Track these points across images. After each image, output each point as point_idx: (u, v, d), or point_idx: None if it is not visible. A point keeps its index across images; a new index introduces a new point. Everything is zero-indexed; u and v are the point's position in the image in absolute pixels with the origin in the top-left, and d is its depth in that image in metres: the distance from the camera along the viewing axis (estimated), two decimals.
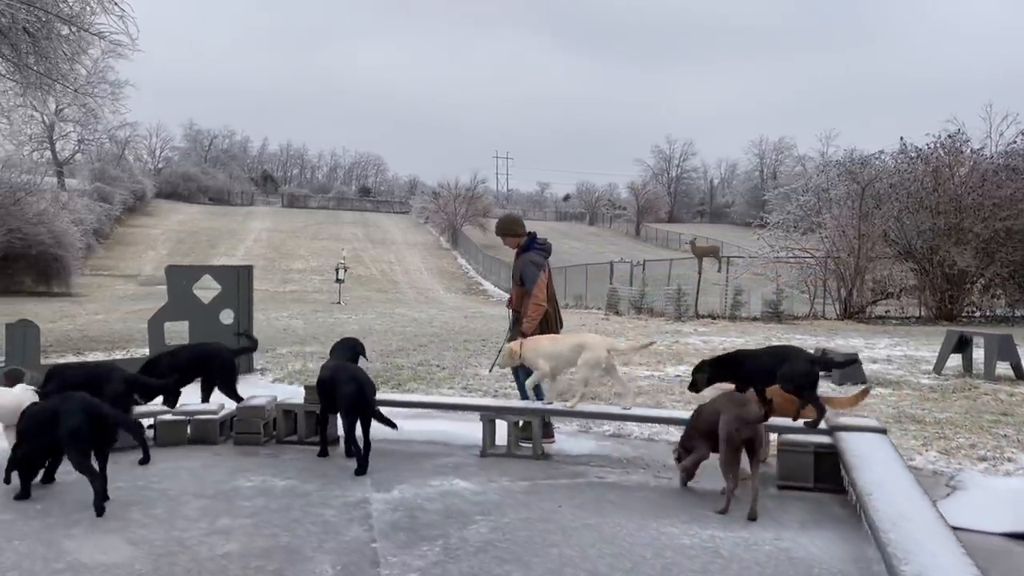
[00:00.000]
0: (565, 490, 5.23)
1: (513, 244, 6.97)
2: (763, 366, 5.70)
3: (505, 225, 7.07)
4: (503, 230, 7.04)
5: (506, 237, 6.99)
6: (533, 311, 6.56)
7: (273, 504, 4.88)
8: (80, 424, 4.82)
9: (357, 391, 5.64)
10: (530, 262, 6.72)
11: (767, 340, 15.40)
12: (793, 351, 5.79)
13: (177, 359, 7.10)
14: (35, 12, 11.63)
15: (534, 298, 6.56)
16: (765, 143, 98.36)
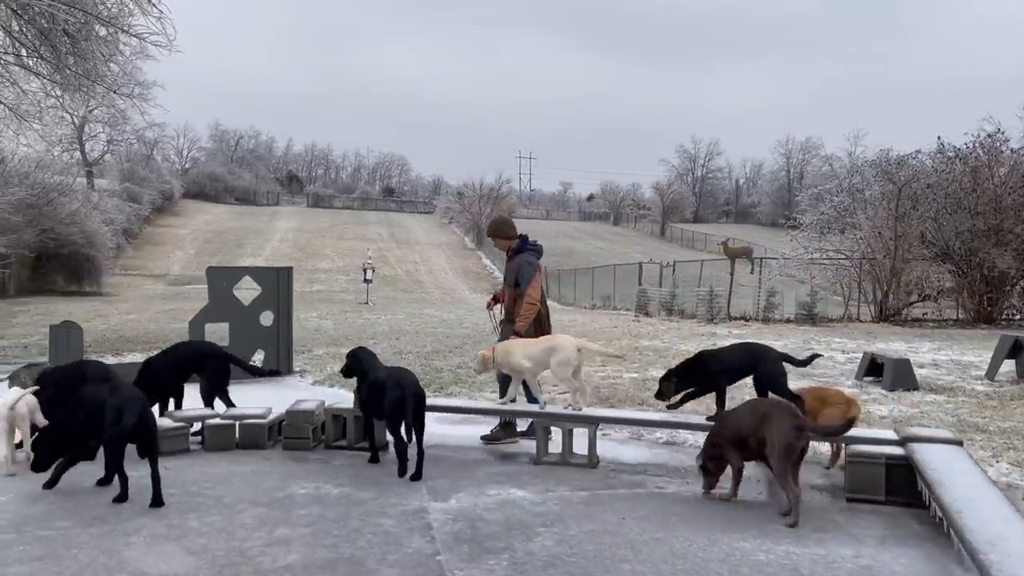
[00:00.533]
0: (626, 501, 5.08)
1: (504, 246, 6.95)
2: (730, 365, 5.83)
3: (497, 227, 7.05)
4: (495, 232, 7.01)
5: (497, 239, 6.97)
6: (527, 310, 6.54)
7: (330, 512, 4.78)
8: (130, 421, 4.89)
9: (402, 398, 5.54)
10: (527, 263, 6.73)
11: (806, 343, 15.15)
12: (762, 348, 5.90)
13: (170, 358, 6.97)
14: (75, 13, 11.65)
15: (528, 297, 6.55)
16: (792, 143, 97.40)
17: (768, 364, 5.73)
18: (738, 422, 5.05)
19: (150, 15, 12.25)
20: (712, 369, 5.82)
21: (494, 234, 7.00)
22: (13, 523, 4.51)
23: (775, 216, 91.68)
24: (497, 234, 6.97)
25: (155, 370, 6.77)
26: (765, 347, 6.00)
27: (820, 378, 10.34)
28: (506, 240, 6.90)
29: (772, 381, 5.71)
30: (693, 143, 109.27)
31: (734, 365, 5.84)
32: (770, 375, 5.69)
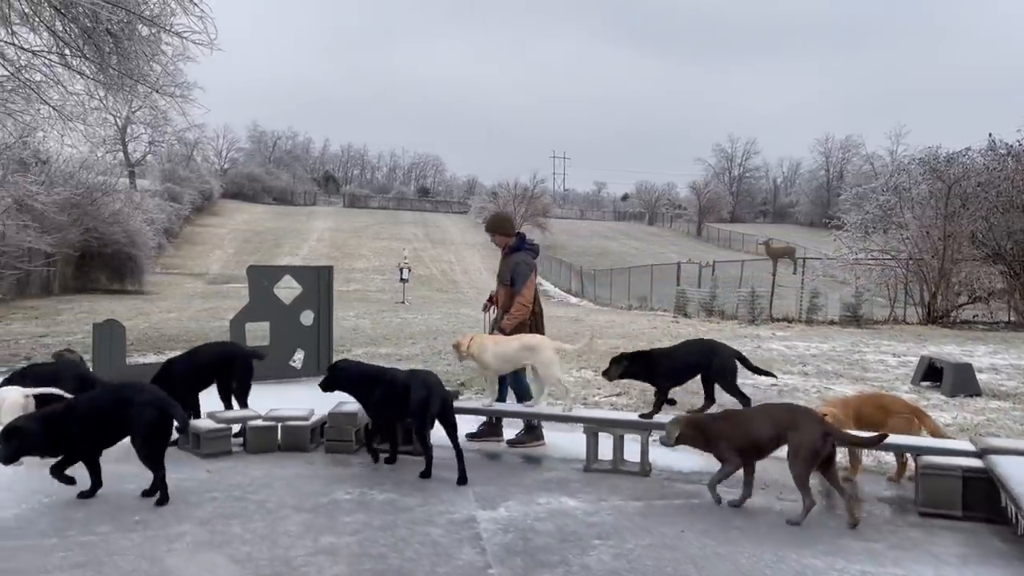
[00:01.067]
0: (683, 513, 4.84)
1: (501, 243, 6.89)
2: (684, 363, 5.89)
3: (498, 223, 6.99)
4: (495, 227, 6.94)
5: (496, 235, 6.92)
6: (518, 310, 6.50)
7: (375, 520, 4.62)
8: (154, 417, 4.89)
9: (428, 398, 5.46)
10: (523, 262, 6.68)
11: (853, 346, 14.71)
12: (717, 345, 5.97)
13: (192, 360, 6.80)
14: (118, 11, 11.69)
15: (522, 297, 6.51)
16: (831, 141, 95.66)
17: (721, 359, 5.81)
18: (754, 427, 4.93)
19: (192, 14, 12.25)
20: (663, 366, 5.86)
21: (494, 229, 6.94)
22: (55, 527, 4.42)
23: (814, 216, 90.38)
24: (497, 230, 6.91)
25: (175, 371, 6.62)
26: (720, 344, 6.05)
27: (874, 383, 9.98)
28: (504, 237, 6.86)
29: (722, 376, 5.78)
30: (730, 142, 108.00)
31: (689, 362, 5.90)
32: (721, 370, 5.77)
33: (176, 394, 6.28)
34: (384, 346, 13.77)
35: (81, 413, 4.88)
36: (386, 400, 5.69)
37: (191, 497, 4.98)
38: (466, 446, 6.45)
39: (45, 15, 11.78)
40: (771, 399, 8.62)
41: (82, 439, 4.88)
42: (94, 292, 32.17)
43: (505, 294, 6.70)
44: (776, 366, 11.38)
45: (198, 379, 6.71)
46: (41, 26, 12.02)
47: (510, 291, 6.65)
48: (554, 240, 65.50)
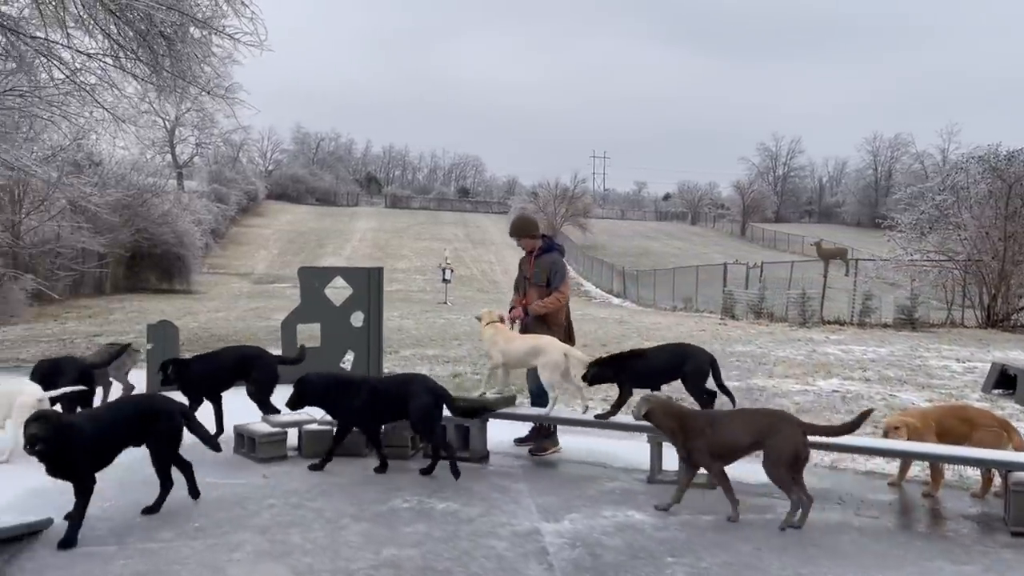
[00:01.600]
0: (757, 529, 4.61)
1: (529, 246, 6.70)
2: (657, 368, 5.81)
3: (524, 226, 6.79)
4: (522, 231, 6.74)
5: (523, 239, 6.71)
6: (552, 302, 6.42)
7: (436, 531, 4.48)
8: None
9: (434, 402, 5.56)
10: (561, 262, 6.66)
11: (912, 350, 14.24)
12: (693, 349, 5.91)
13: (211, 363, 6.68)
14: (171, 14, 11.77)
15: (560, 293, 6.45)
16: (879, 140, 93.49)
17: (695, 362, 5.75)
18: (733, 431, 4.82)
19: (243, 16, 12.30)
20: (636, 369, 5.81)
21: (521, 233, 6.73)
22: (115, 533, 4.36)
23: (860, 216, 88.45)
24: (523, 233, 6.72)
25: (193, 371, 6.53)
26: (697, 348, 6.00)
27: (941, 390, 9.59)
28: (532, 240, 6.68)
29: (695, 377, 5.70)
30: (774, 140, 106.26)
31: (664, 367, 5.83)
32: (696, 372, 5.71)
33: (192, 394, 6.42)
34: (430, 347, 13.69)
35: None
36: (370, 407, 5.63)
37: (249, 504, 4.90)
38: (514, 451, 6.33)
39: (100, 18, 11.92)
40: (834, 405, 8.32)
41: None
42: (144, 292, 32.76)
43: (540, 294, 6.53)
44: (835, 371, 11.05)
45: (217, 381, 6.56)
46: (96, 29, 12.17)
47: (545, 291, 6.51)
48: (595, 240, 65.09)
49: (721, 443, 4.79)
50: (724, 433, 4.81)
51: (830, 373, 10.87)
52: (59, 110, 13.83)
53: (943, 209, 24.32)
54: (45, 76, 13.31)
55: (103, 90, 13.82)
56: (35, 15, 12.26)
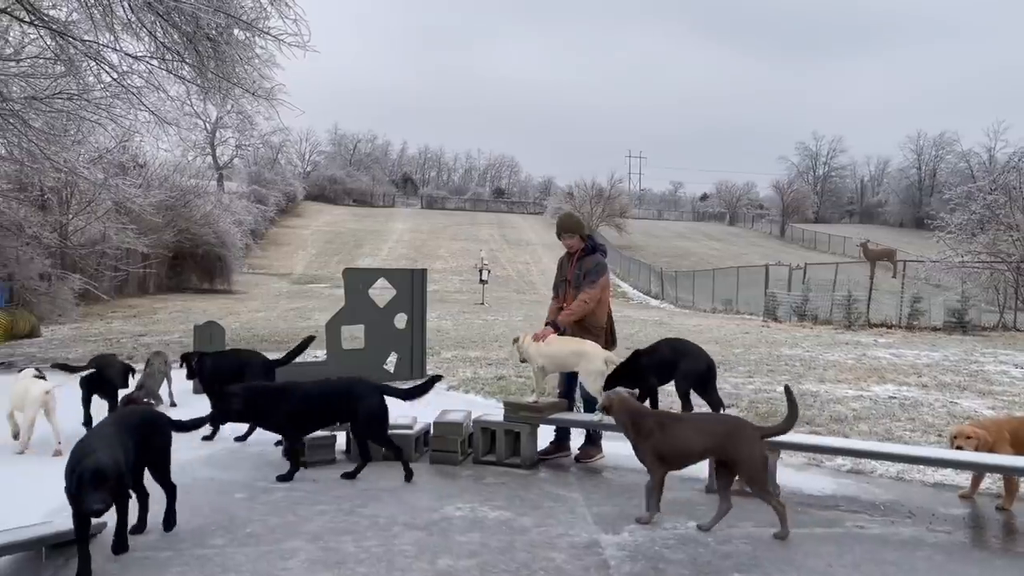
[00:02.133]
0: (826, 543, 4.41)
1: (575, 245, 6.43)
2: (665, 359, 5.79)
3: (574, 223, 6.54)
4: (570, 227, 6.46)
5: (572, 235, 6.43)
6: (579, 306, 6.16)
7: (492, 541, 4.35)
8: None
9: (382, 405, 5.57)
10: (604, 265, 6.42)
11: (967, 354, 13.79)
12: (693, 347, 5.80)
13: (216, 363, 6.96)
14: (218, 16, 11.84)
15: (586, 295, 6.16)
16: (923, 138, 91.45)
17: (689, 361, 5.68)
18: (686, 436, 4.64)
19: (287, 17, 12.32)
20: (642, 365, 5.78)
21: (570, 229, 6.46)
22: (168, 539, 4.31)
23: (903, 216, 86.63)
24: (572, 229, 6.45)
25: (204, 367, 6.94)
26: (697, 348, 5.89)
27: (1002, 397, 9.22)
28: (577, 239, 6.44)
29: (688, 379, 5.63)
30: (815, 140, 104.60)
31: (670, 360, 5.79)
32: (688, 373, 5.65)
33: (206, 388, 6.90)
34: (472, 349, 13.59)
35: None
36: (305, 414, 5.52)
37: (300, 510, 4.83)
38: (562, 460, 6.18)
39: (147, 20, 12.03)
40: (893, 413, 8.03)
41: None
42: (186, 291, 33.27)
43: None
44: (888, 376, 10.72)
45: (216, 381, 6.68)
46: (143, 31, 12.28)
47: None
48: (631, 240, 64.64)
49: (670, 447, 4.66)
50: (674, 437, 4.67)
51: (883, 378, 10.54)
52: (106, 112, 14.01)
53: (994, 209, 23.63)
54: (92, 79, 13.49)
55: (148, 92, 13.97)
56: (83, 19, 12.41)
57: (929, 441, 6.83)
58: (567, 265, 6.53)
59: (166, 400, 8.11)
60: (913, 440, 6.85)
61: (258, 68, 14.55)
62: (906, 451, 5.21)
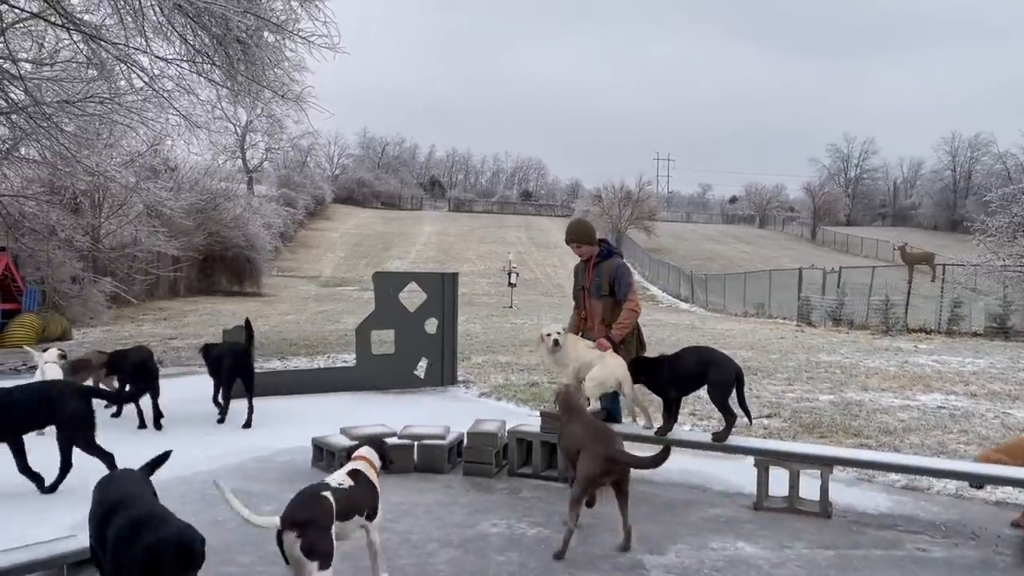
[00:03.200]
0: (886, 568, 4.13)
1: (586, 253, 6.15)
2: (684, 373, 5.33)
3: (583, 232, 6.27)
4: (581, 237, 6.21)
5: (582, 245, 6.16)
6: (628, 317, 5.90)
7: (531, 561, 4.14)
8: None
9: (87, 408, 5.42)
10: (626, 269, 6.13)
11: (1014, 362, 13.32)
12: (720, 356, 5.36)
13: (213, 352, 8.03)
14: (248, 18, 11.77)
15: (632, 304, 5.95)
16: (958, 140, 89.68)
17: (720, 371, 5.22)
18: (571, 439, 4.50)
19: (316, 19, 12.23)
20: (664, 375, 5.41)
21: (579, 239, 6.20)
22: None
23: (938, 219, 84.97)
24: (582, 239, 6.19)
25: (210, 355, 8.07)
26: (724, 356, 5.38)
27: None
28: (589, 246, 6.16)
29: (719, 389, 5.19)
30: (846, 141, 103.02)
31: (693, 371, 5.32)
32: (718, 383, 5.20)
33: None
34: (502, 353, 13.39)
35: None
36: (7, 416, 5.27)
37: None
38: None
39: (178, 23, 12.00)
40: (944, 424, 7.69)
41: None
42: (215, 294, 33.41)
43: (603, 306, 6.01)
44: (934, 384, 10.35)
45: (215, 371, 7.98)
46: (174, 34, 12.26)
47: (610, 302, 5.98)
48: (660, 243, 64.09)
49: (567, 450, 4.56)
50: (568, 440, 4.53)
51: (929, 387, 10.16)
52: (137, 116, 14.02)
53: None
54: (124, 83, 13.51)
55: (179, 96, 13.96)
56: (115, 23, 12.42)
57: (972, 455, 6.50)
58: (583, 272, 6.24)
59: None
60: (967, 453, 6.52)
61: (287, 71, 14.50)
62: (969, 468, 4.89)
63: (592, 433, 4.39)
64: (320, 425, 6.44)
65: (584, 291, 6.18)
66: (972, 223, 25.48)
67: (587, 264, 6.18)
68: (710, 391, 5.28)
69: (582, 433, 4.42)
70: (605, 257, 6.13)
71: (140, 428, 7.35)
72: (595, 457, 4.18)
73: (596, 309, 6.04)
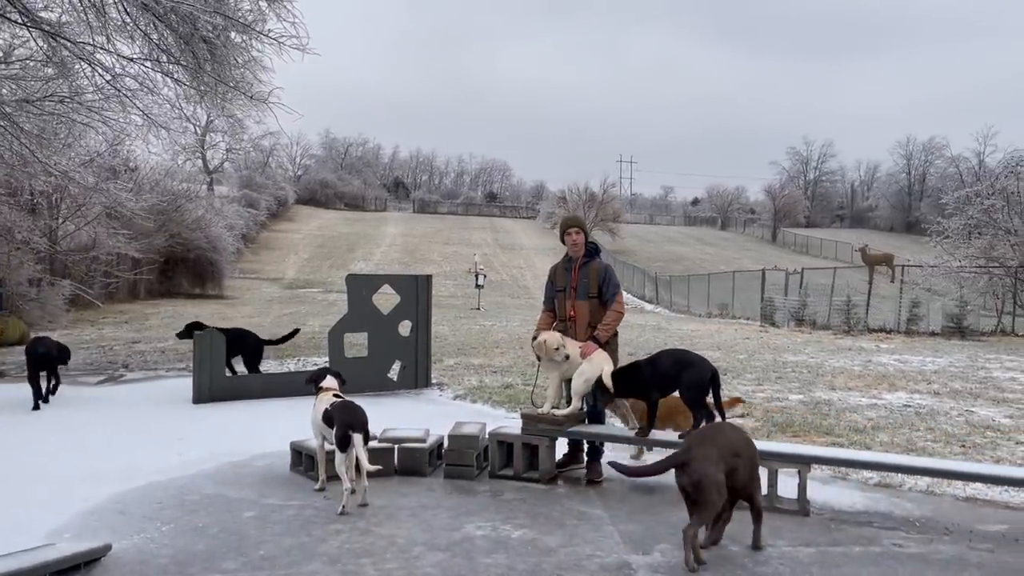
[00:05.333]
0: (865, 564, 4.22)
1: (580, 243, 6.07)
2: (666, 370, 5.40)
3: (583, 220, 6.38)
4: (583, 223, 6.29)
5: (580, 233, 6.11)
6: (615, 319, 5.94)
7: (519, 564, 4.15)
8: None
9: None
10: (612, 270, 6.20)
11: (971, 360, 13.70)
12: (694, 357, 5.45)
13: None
14: (215, 17, 11.61)
15: (619, 306, 5.99)
16: (912, 143, 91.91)
17: (694, 372, 5.30)
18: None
19: (285, 20, 12.11)
20: (646, 379, 5.45)
21: (581, 225, 6.20)
22: (177, 561, 4.09)
23: (894, 221, 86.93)
24: (583, 226, 6.23)
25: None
26: (698, 357, 5.47)
27: (1016, 405, 9.09)
28: (583, 236, 6.13)
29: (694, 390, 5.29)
30: (806, 144, 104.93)
31: (670, 372, 5.39)
32: (693, 384, 5.30)
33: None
34: (474, 356, 13.37)
35: None
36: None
37: (314, 529, 4.61)
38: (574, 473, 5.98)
39: (142, 22, 11.79)
40: (911, 423, 7.88)
41: None
42: (177, 296, 32.82)
43: (590, 308, 5.97)
44: (898, 383, 10.59)
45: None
46: (137, 33, 12.04)
47: (596, 303, 5.97)
48: (624, 245, 64.54)
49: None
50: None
51: (894, 385, 10.40)
52: (98, 115, 13.74)
53: (992, 214, 23.60)
54: (84, 81, 13.23)
55: (141, 95, 13.72)
56: (76, 20, 12.17)
57: (952, 451, 6.69)
58: (567, 272, 6.11)
59: None
60: (936, 451, 6.69)
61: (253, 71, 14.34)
62: (946, 466, 5.04)
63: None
64: (297, 429, 6.36)
65: (571, 290, 6.04)
66: (928, 225, 26.13)
67: (572, 264, 6.10)
68: (686, 392, 5.36)
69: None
70: (593, 255, 6.13)
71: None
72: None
73: (582, 310, 5.98)
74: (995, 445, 6.91)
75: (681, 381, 5.33)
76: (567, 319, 6.06)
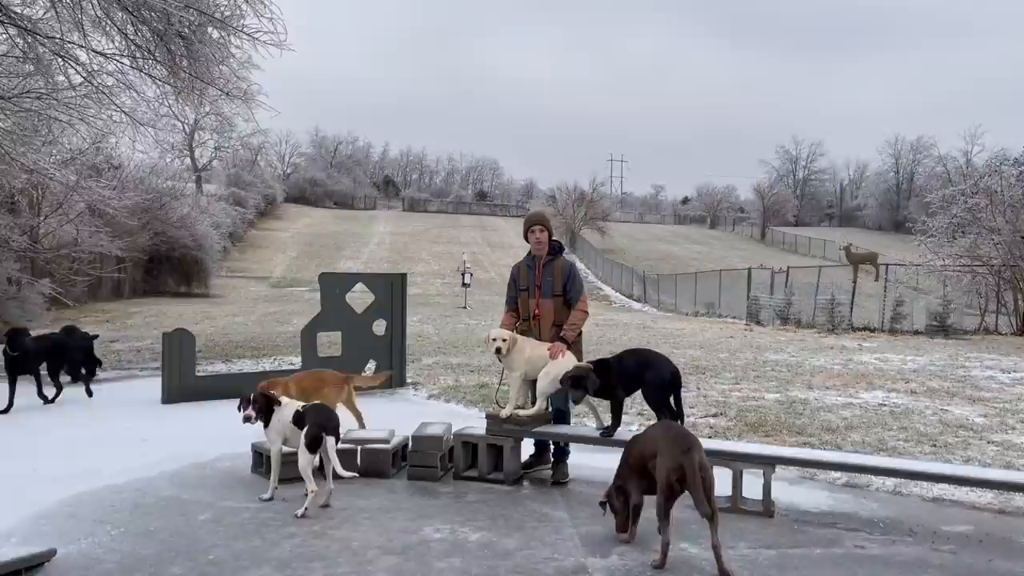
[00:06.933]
0: (826, 566, 4.17)
1: (545, 241, 6.00)
2: (630, 370, 5.39)
3: (544, 216, 6.32)
4: (547, 221, 6.17)
5: (546, 230, 6.03)
6: (580, 319, 5.92)
7: (473, 567, 4.08)
8: None
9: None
10: (577, 269, 6.15)
11: (952, 359, 13.70)
12: (656, 357, 5.47)
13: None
14: (190, 13, 11.48)
15: (584, 305, 5.98)
16: (901, 143, 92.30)
17: (655, 372, 5.31)
18: (641, 449, 4.38)
19: (263, 16, 12.00)
20: (613, 377, 5.40)
21: (545, 223, 6.10)
22: (123, 567, 4.00)
23: (882, 219, 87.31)
24: (547, 224, 6.12)
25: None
26: (661, 356, 5.49)
27: (993, 404, 9.07)
28: (548, 233, 6.05)
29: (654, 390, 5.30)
30: (795, 144, 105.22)
31: (634, 372, 5.39)
32: (654, 384, 5.30)
33: None
34: (453, 355, 13.30)
35: None
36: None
37: (268, 532, 4.53)
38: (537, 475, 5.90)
39: (117, 18, 11.65)
40: (884, 422, 7.85)
41: None
42: (162, 295, 32.63)
43: (554, 306, 5.90)
44: (876, 382, 10.57)
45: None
46: (113, 29, 11.90)
47: (561, 302, 5.91)
48: (613, 243, 64.55)
49: (634, 467, 4.47)
50: (635, 453, 4.46)
51: (872, 384, 10.38)
52: (77, 113, 13.59)
53: (975, 213, 23.66)
54: (62, 78, 13.09)
55: (120, 92, 13.58)
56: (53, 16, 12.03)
57: (923, 451, 6.65)
58: (530, 270, 6.04)
59: None
60: (907, 450, 6.66)
61: (234, 69, 14.20)
62: (909, 466, 4.99)
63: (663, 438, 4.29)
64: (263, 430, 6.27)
65: (536, 288, 5.97)
66: (915, 224, 26.18)
67: (536, 262, 6.03)
68: (646, 392, 5.32)
69: (655, 437, 4.34)
70: (558, 252, 6.08)
71: None
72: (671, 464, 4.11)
73: (548, 309, 5.92)
74: (966, 445, 6.87)
75: (644, 381, 5.30)
76: (531, 318, 5.98)
